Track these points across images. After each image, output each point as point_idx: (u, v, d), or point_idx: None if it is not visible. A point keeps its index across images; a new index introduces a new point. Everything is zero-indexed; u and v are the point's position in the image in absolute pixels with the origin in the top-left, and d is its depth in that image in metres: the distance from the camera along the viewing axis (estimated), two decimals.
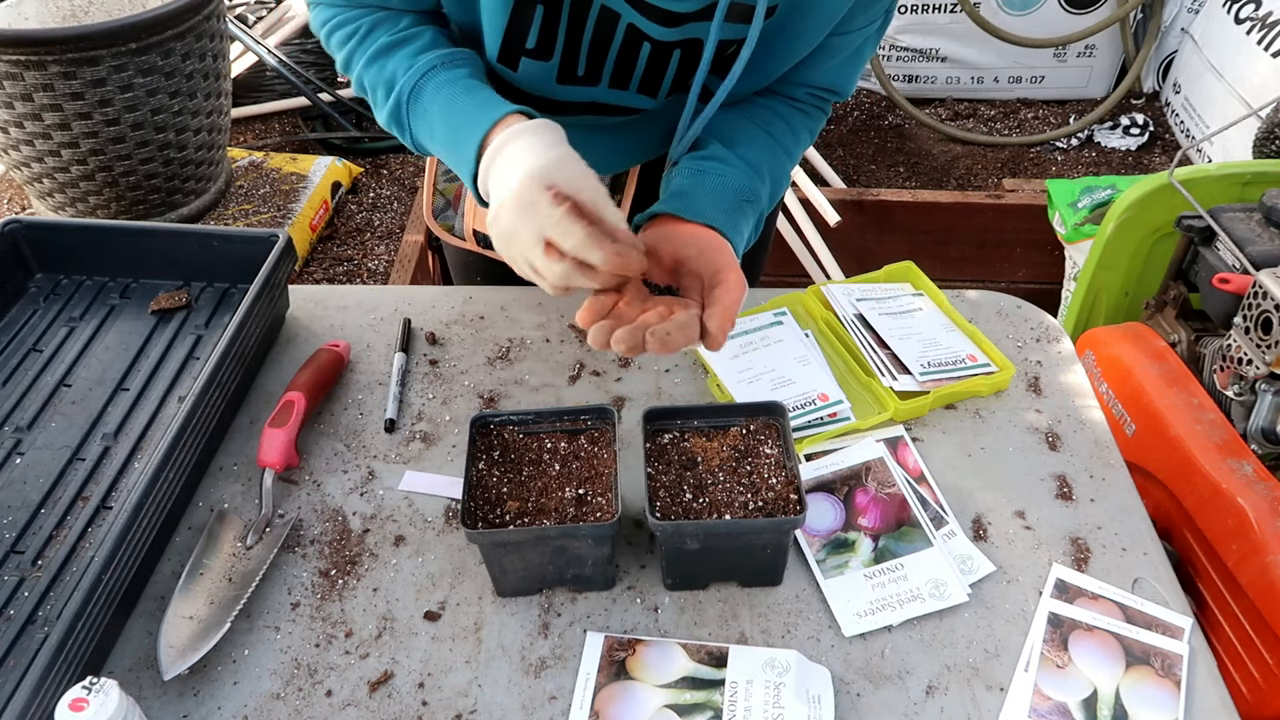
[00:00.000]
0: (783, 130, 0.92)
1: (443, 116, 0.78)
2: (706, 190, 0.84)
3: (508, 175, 0.70)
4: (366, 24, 0.84)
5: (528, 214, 0.68)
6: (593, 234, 0.66)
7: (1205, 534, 1.19)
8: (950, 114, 3.11)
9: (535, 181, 0.68)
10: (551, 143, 0.72)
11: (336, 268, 2.41)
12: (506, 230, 0.70)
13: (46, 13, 2.27)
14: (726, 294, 0.74)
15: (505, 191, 0.70)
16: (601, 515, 0.80)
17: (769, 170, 0.89)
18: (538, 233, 0.68)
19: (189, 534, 0.90)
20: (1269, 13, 2.43)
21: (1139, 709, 0.77)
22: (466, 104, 0.77)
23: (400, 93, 0.81)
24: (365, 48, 0.83)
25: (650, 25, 0.80)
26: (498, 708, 0.77)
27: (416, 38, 0.83)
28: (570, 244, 0.67)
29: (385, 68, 0.82)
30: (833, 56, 0.89)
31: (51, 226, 1.20)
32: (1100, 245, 1.80)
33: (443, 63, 0.80)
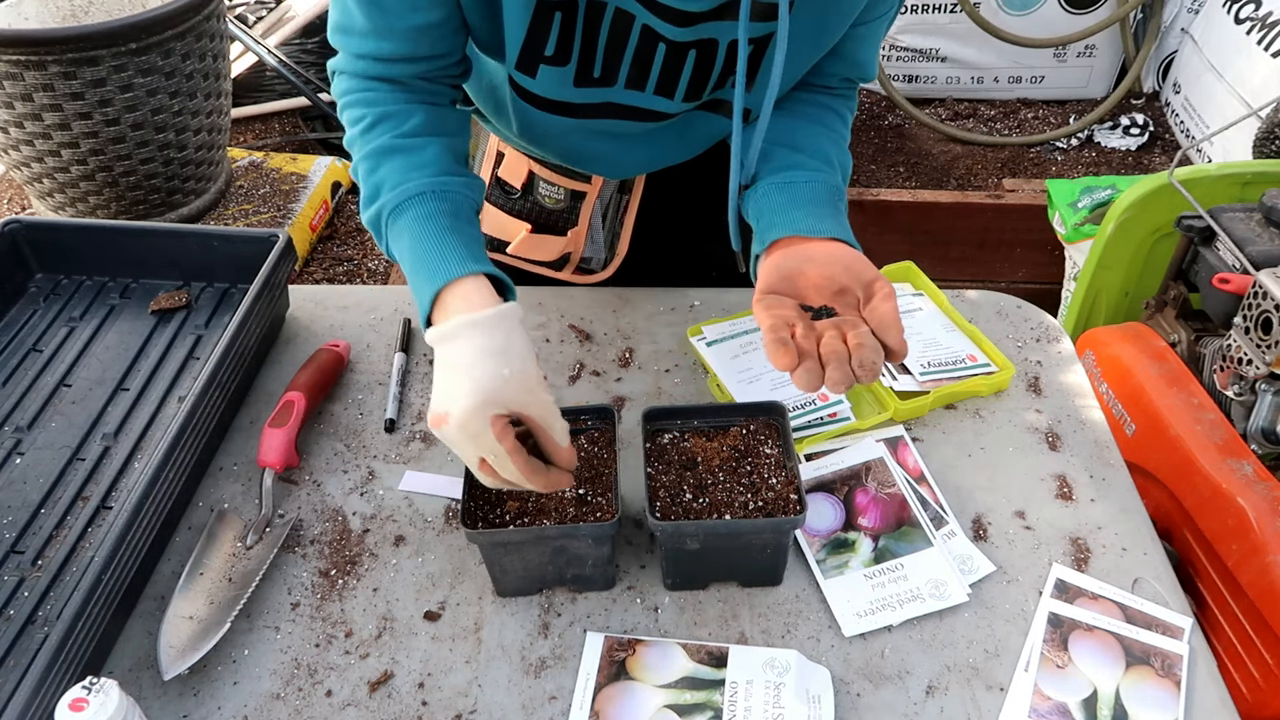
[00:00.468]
0: (833, 120, 0.93)
1: (410, 250, 0.79)
2: (807, 202, 0.84)
3: (453, 386, 0.72)
4: (374, 115, 0.82)
5: (469, 443, 0.72)
6: (527, 470, 0.73)
7: (1205, 534, 1.19)
8: (950, 114, 3.11)
9: (481, 413, 0.71)
10: (497, 350, 0.73)
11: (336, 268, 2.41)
12: (449, 439, 0.73)
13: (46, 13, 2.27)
14: (886, 302, 0.75)
15: (451, 406, 0.71)
16: (601, 515, 0.80)
17: (838, 161, 0.91)
18: (477, 455, 0.73)
19: (189, 534, 0.90)
20: (1269, 13, 2.43)
21: (1139, 709, 0.77)
22: (433, 248, 0.77)
23: (382, 206, 0.80)
24: (367, 140, 0.82)
25: (664, 26, 0.80)
26: (498, 708, 0.77)
27: (418, 150, 0.82)
28: (506, 475, 0.74)
29: (377, 171, 0.81)
30: (860, 46, 0.90)
31: (51, 226, 1.20)
32: (1100, 245, 1.80)
33: (431, 190, 0.80)
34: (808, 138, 0.90)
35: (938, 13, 2.96)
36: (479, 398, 0.71)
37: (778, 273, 0.79)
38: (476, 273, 0.76)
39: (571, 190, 1.07)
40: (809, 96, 0.93)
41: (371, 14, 0.78)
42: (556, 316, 1.13)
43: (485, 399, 0.71)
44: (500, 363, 0.72)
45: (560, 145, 0.97)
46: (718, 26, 0.81)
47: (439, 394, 0.73)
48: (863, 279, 0.77)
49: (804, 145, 0.89)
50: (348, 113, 0.85)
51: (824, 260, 0.78)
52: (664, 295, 1.16)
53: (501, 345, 0.73)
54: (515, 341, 0.74)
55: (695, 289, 1.17)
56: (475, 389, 0.71)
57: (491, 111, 0.99)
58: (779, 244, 0.82)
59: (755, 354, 1.05)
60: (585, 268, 1.16)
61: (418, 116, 0.83)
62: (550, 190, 1.07)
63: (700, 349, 1.05)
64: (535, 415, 0.74)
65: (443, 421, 0.72)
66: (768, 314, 0.75)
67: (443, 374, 0.73)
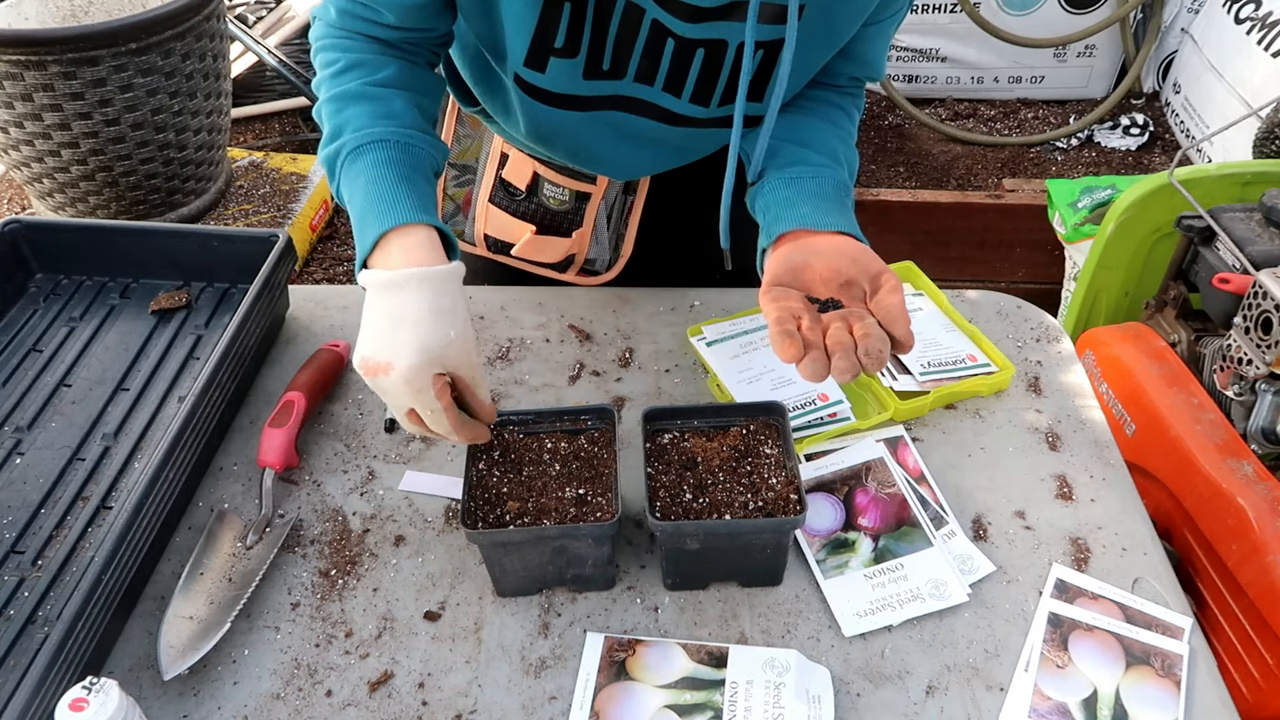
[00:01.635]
0: (840, 117, 0.94)
1: (363, 192, 0.79)
2: (814, 196, 0.84)
3: (397, 339, 0.73)
4: (347, 61, 0.83)
5: (412, 396, 0.74)
6: (455, 424, 0.76)
7: (1205, 534, 1.19)
8: (950, 114, 3.11)
9: (426, 370, 0.73)
10: (446, 309, 0.74)
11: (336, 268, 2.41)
12: (385, 389, 0.74)
13: (46, 13, 2.27)
14: (893, 295, 0.75)
15: (394, 358, 0.72)
16: (601, 515, 0.80)
17: (845, 159, 0.91)
18: (409, 405, 0.75)
19: (189, 534, 0.90)
20: (1269, 13, 2.43)
21: (1139, 709, 0.77)
22: (386, 193, 0.78)
23: (342, 145, 0.81)
24: (336, 84, 0.83)
25: (674, 21, 0.80)
26: (498, 708, 0.77)
27: (386, 100, 0.82)
28: (436, 429, 0.77)
29: (342, 113, 0.82)
30: (869, 46, 0.90)
31: (51, 226, 1.20)
32: (1100, 245, 1.80)
33: (395, 140, 0.80)
34: (815, 134, 0.91)
35: (938, 13, 2.96)
36: (426, 355, 0.72)
37: (784, 265, 0.79)
38: (427, 224, 0.77)
39: (576, 191, 1.07)
40: (817, 94, 0.94)
41: None
42: (556, 316, 1.13)
43: (431, 357, 0.73)
44: (448, 323, 0.74)
45: (569, 143, 0.97)
46: (727, 27, 0.81)
47: (379, 342, 0.73)
48: (869, 272, 0.77)
49: (812, 141, 0.90)
50: (321, 55, 0.85)
51: (831, 253, 0.79)
52: (664, 295, 1.16)
53: (449, 305, 0.74)
54: (460, 303, 0.75)
55: (695, 289, 1.17)
56: (423, 346, 0.72)
57: (500, 113, 0.99)
58: (785, 238, 0.82)
59: (755, 354, 1.05)
60: (590, 269, 1.16)
61: (391, 68, 0.84)
62: (555, 191, 1.07)
63: (700, 349, 1.05)
64: (467, 377, 0.76)
65: (381, 371, 0.73)
66: (774, 306, 0.75)
67: (385, 323, 0.74)
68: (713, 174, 1.06)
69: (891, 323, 0.74)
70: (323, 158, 0.83)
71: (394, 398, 0.75)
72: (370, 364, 0.73)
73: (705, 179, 1.09)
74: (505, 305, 1.15)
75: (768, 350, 1.05)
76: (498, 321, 1.13)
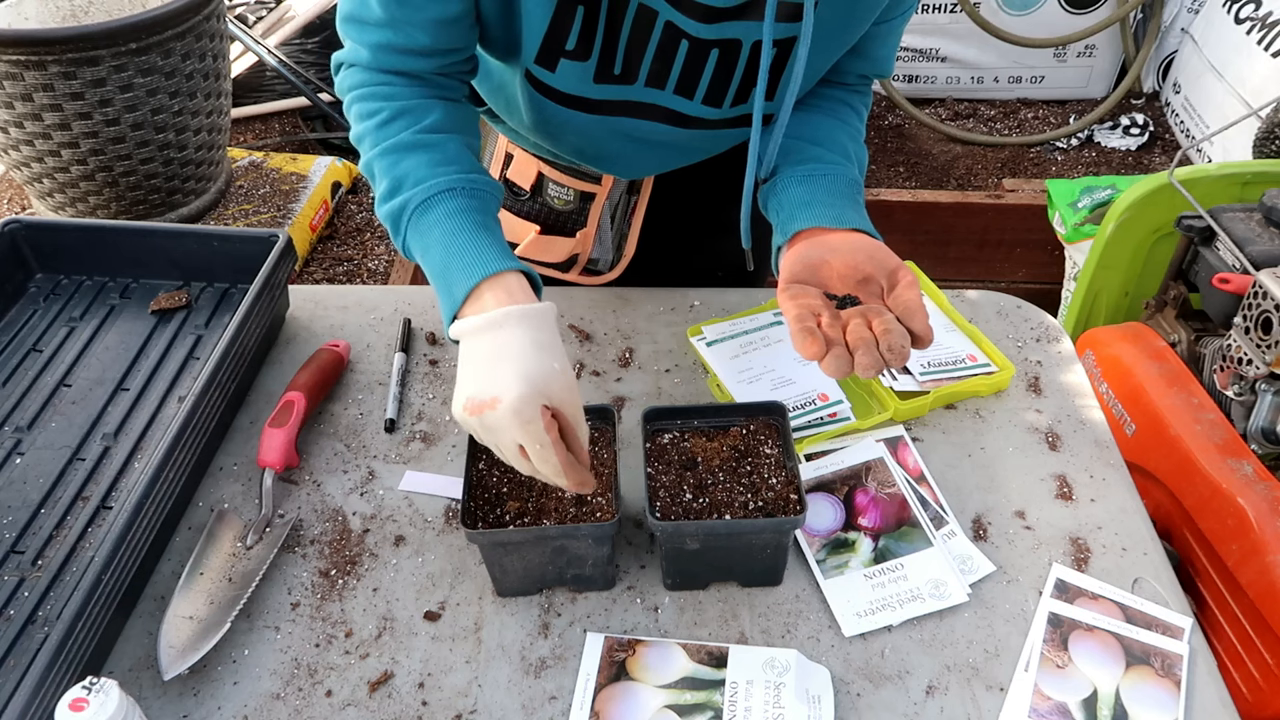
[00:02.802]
0: (849, 114, 0.95)
1: (441, 246, 0.78)
2: (828, 194, 0.85)
3: (502, 374, 0.71)
4: (391, 110, 0.81)
5: (521, 429, 0.71)
6: (563, 467, 0.73)
7: (1205, 534, 1.19)
8: (950, 114, 3.11)
9: (536, 400, 0.71)
10: (547, 344, 0.73)
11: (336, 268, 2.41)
12: (493, 425, 0.72)
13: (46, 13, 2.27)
14: (910, 290, 0.76)
15: (501, 392, 0.71)
16: (601, 515, 0.80)
17: (855, 155, 0.92)
18: (518, 442, 0.72)
19: (189, 534, 0.90)
20: (1269, 13, 2.43)
21: (1139, 709, 0.77)
22: (467, 244, 0.77)
23: (407, 201, 0.79)
24: (384, 135, 0.81)
25: (688, 22, 0.80)
26: (498, 708, 0.77)
27: (439, 147, 0.81)
28: (544, 468, 0.73)
29: (399, 165, 0.80)
30: (880, 44, 0.91)
31: (51, 226, 1.20)
32: (1100, 245, 1.80)
33: (460, 187, 0.79)
34: (827, 132, 0.91)
35: (938, 13, 2.96)
36: (534, 386, 0.71)
37: (802, 262, 0.80)
38: (516, 270, 0.77)
39: (580, 191, 1.07)
40: (826, 91, 0.94)
41: (390, 5, 0.77)
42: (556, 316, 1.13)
43: (538, 389, 0.71)
44: (550, 357, 0.73)
45: (575, 142, 0.96)
46: (742, 26, 0.81)
47: (482, 380, 0.72)
48: (886, 267, 0.78)
49: (824, 139, 0.90)
50: (359, 106, 0.83)
51: (847, 250, 0.79)
52: (664, 295, 1.16)
53: (549, 340, 0.74)
54: (558, 341, 0.75)
55: (695, 289, 1.16)
56: (529, 377, 0.71)
57: (503, 108, 0.98)
58: (801, 235, 0.83)
59: (755, 354, 1.05)
60: (593, 269, 1.16)
61: (436, 112, 0.82)
62: (559, 192, 1.07)
63: (700, 349, 1.05)
64: (570, 415, 0.74)
65: (488, 407, 0.71)
66: (793, 303, 0.76)
67: (486, 362, 0.73)
68: (716, 173, 1.06)
69: (910, 317, 0.74)
70: (385, 214, 0.81)
71: (503, 433, 0.72)
72: (475, 403, 0.72)
73: (709, 178, 1.09)
74: None
75: (768, 350, 1.05)
76: None
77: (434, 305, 1.15)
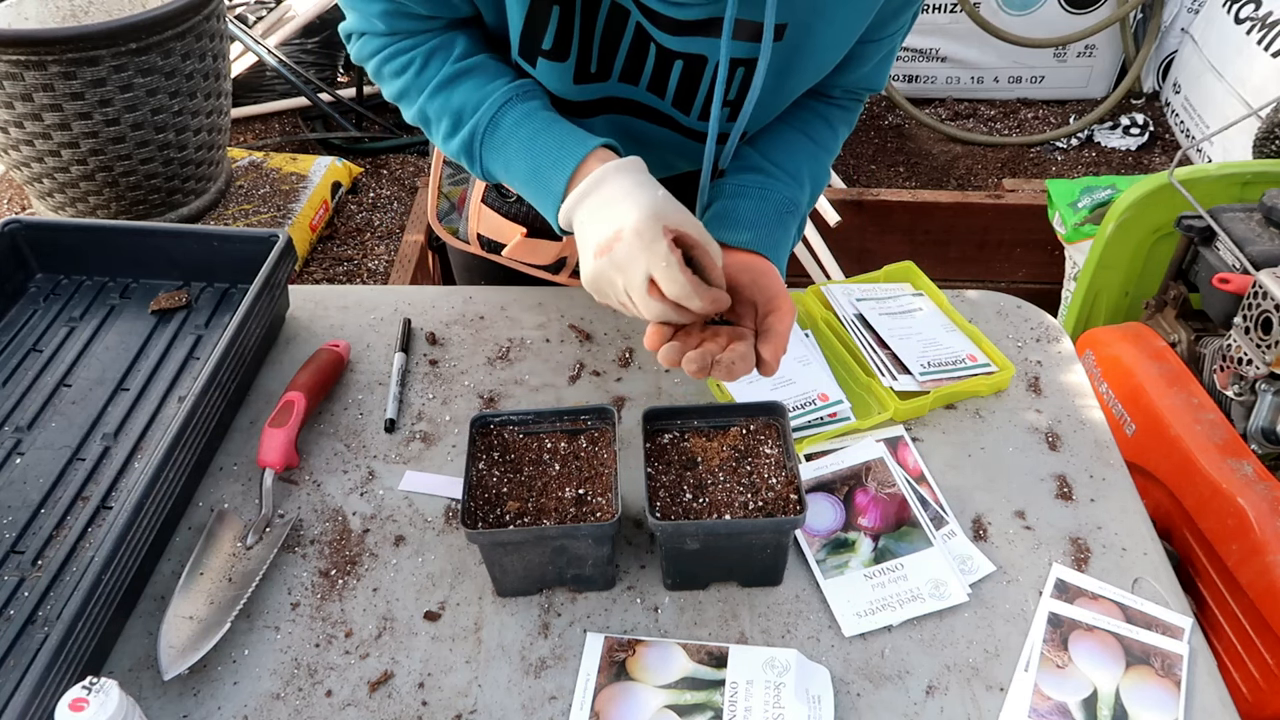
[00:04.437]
0: (821, 130, 0.94)
1: (523, 152, 0.80)
2: (749, 211, 0.86)
3: (618, 211, 0.73)
4: (421, 55, 0.84)
5: (646, 251, 0.72)
6: (694, 284, 0.72)
7: (1205, 534, 1.19)
8: (950, 114, 3.11)
9: (655, 221, 0.72)
10: (649, 183, 0.75)
11: (336, 268, 2.41)
12: (622, 260, 0.73)
13: (46, 13, 2.27)
14: (780, 321, 0.78)
15: (622, 223, 0.72)
16: (601, 515, 0.80)
17: (809, 175, 0.92)
18: (647, 271, 0.72)
19: (189, 534, 0.90)
20: (1269, 13, 2.43)
21: (1139, 709, 0.77)
22: (548, 140, 0.80)
23: (476, 126, 0.82)
24: (425, 79, 0.84)
25: (655, 31, 0.81)
26: (498, 708, 0.77)
27: (480, 69, 0.84)
28: (674, 291, 0.72)
29: (451, 99, 0.83)
30: (865, 63, 0.90)
31: (51, 226, 1.20)
32: (1100, 245, 1.80)
33: (516, 95, 0.82)
34: (784, 146, 0.91)
35: (938, 13, 2.96)
36: (650, 209, 0.72)
37: None
38: (598, 145, 0.79)
39: None
40: (806, 102, 0.93)
41: None
42: (556, 316, 1.13)
43: (656, 211, 0.73)
44: (655, 188, 0.75)
45: None
46: (706, 43, 0.81)
47: (602, 224, 0.74)
48: (766, 293, 0.80)
49: (776, 154, 0.90)
50: (388, 65, 0.86)
51: (734, 269, 0.81)
52: None
53: (649, 181, 0.76)
54: (656, 183, 0.76)
55: None
56: (644, 205, 0.73)
57: None
58: None
59: None
60: None
61: (461, 41, 0.85)
62: None
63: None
64: (694, 233, 0.74)
65: (615, 240, 0.73)
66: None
67: (600, 211, 0.75)
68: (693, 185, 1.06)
69: (765, 345, 0.77)
70: (455, 148, 0.84)
71: (631, 261, 0.73)
72: (602, 244, 0.74)
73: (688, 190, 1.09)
74: (505, 305, 1.15)
75: None
76: (498, 321, 1.13)
77: (434, 305, 1.15)
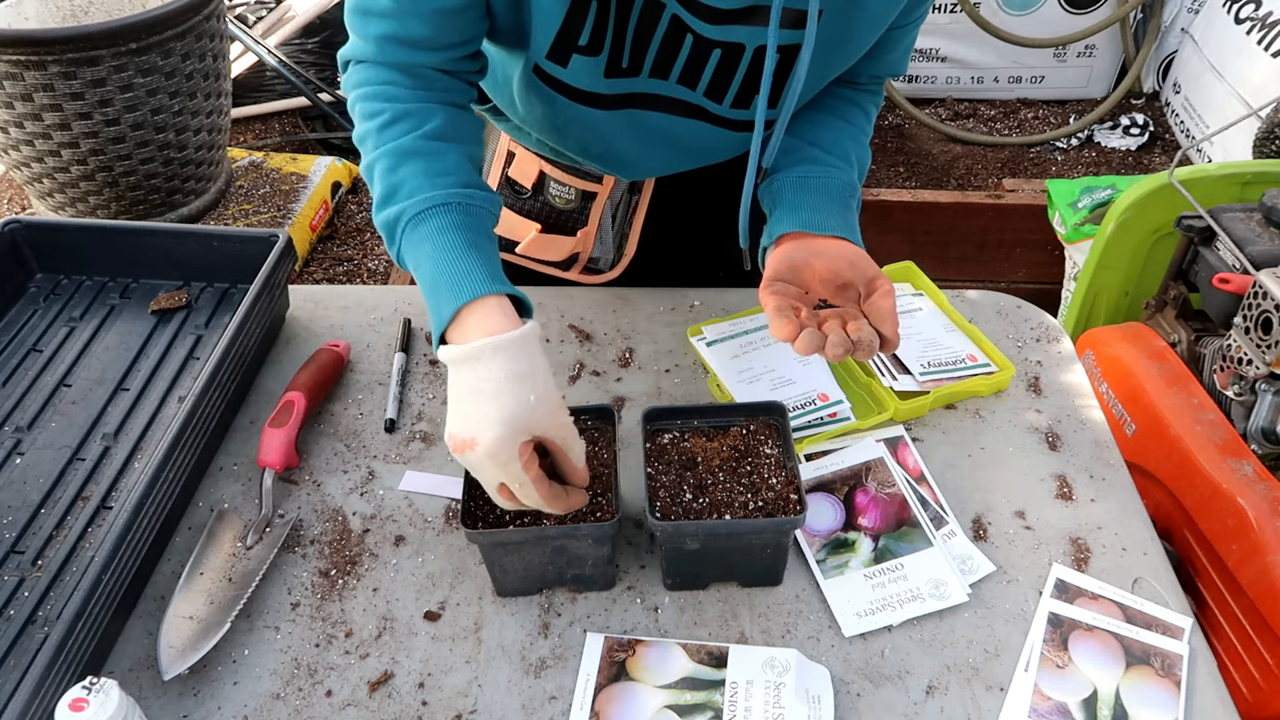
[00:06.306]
0: (857, 115, 0.96)
1: (431, 262, 0.77)
2: (818, 199, 0.87)
3: (480, 413, 0.72)
4: (393, 112, 0.80)
5: (499, 470, 0.72)
6: (547, 497, 0.74)
7: (1205, 534, 1.19)
8: (950, 114, 3.11)
9: (510, 441, 0.71)
10: (525, 374, 0.72)
11: (336, 268, 2.41)
12: (474, 465, 0.73)
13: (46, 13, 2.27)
14: (885, 299, 0.80)
15: (478, 433, 0.71)
16: (601, 515, 0.80)
17: (856, 158, 0.93)
18: (498, 480, 0.73)
19: (189, 534, 0.90)
20: (1269, 13, 2.43)
21: (1139, 709, 0.77)
22: (456, 263, 0.76)
23: (403, 211, 0.78)
24: (385, 138, 0.80)
25: (693, 20, 0.81)
26: (498, 708, 0.77)
27: (440, 155, 0.80)
28: (527, 502, 0.75)
29: (396, 171, 0.79)
30: (893, 48, 0.92)
31: (51, 226, 1.20)
32: (1100, 245, 1.80)
33: (456, 202, 0.78)
34: (829, 133, 0.93)
35: (938, 13, 2.96)
36: (508, 426, 0.71)
37: (786, 262, 0.84)
38: (499, 293, 0.75)
39: (582, 190, 1.07)
40: (835, 90, 0.95)
41: None
42: (556, 316, 1.13)
43: (514, 427, 0.71)
44: (526, 388, 0.72)
45: (582, 138, 0.96)
46: (745, 31, 0.81)
47: (462, 419, 0.73)
48: (865, 275, 0.82)
49: (824, 141, 0.92)
50: (362, 105, 0.82)
51: (830, 255, 0.83)
52: (664, 295, 1.16)
53: (526, 369, 0.73)
54: (539, 364, 0.74)
55: (695, 289, 1.16)
56: (503, 417, 0.71)
57: (506, 104, 0.98)
58: (787, 237, 0.86)
59: (755, 354, 1.05)
60: (593, 268, 1.16)
61: (438, 118, 0.81)
62: (561, 190, 1.07)
63: (700, 349, 1.05)
64: (557, 439, 0.75)
65: (468, 447, 0.72)
66: (774, 297, 0.80)
67: (466, 398, 0.73)
68: (718, 174, 1.06)
69: (880, 322, 0.79)
70: (380, 222, 0.81)
71: (482, 473, 0.73)
72: (457, 441, 0.73)
73: (711, 179, 1.09)
74: None
75: (768, 350, 1.05)
76: None
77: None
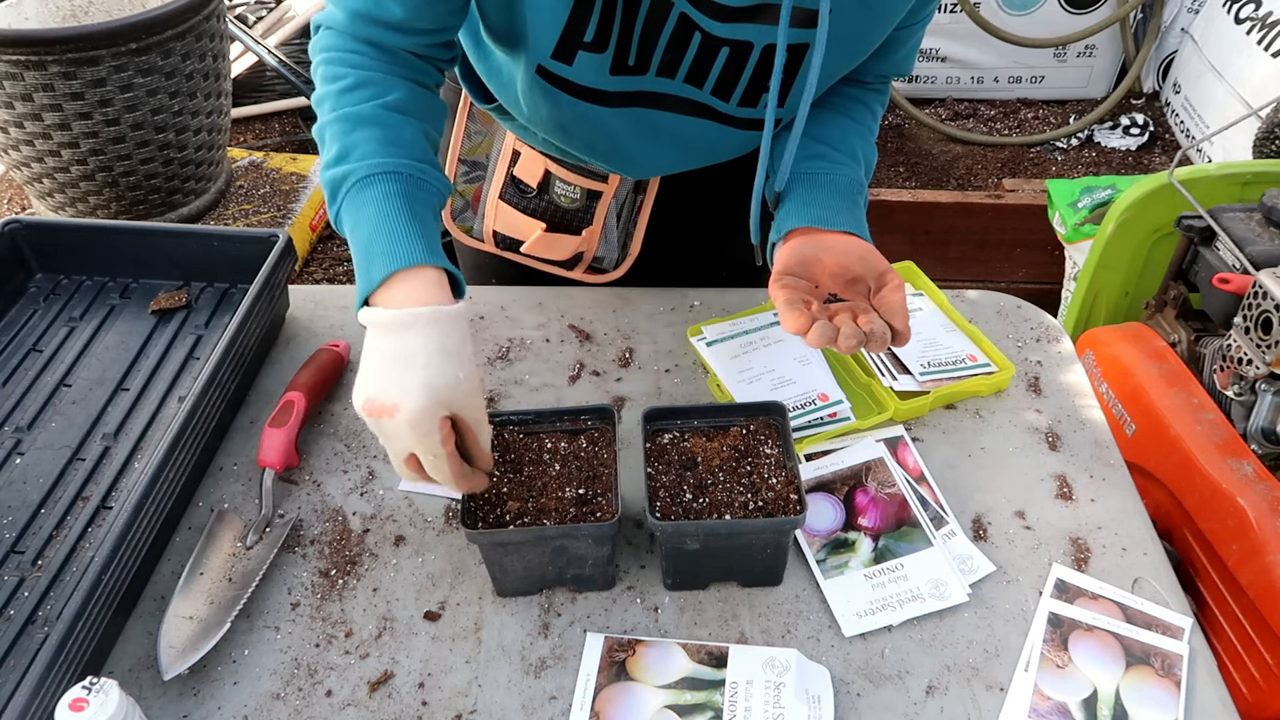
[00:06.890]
0: (863, 113, 0.96)
1: (370, 224, 0.76)
2: (827, 195, 0.88)
3: (404, 380, 0.71)
4: (355, 78, 0.79)
5: (417, 441, 0.72)
6: (456, 475, 0.74)
7: (1205, 534, 1.19)
8: (950, 114, 3.11)
9: (433, 413, 0.71)
10: (453, 350, 0.72)
11: (336, 268, 2.41)
12: (389, 432, 0.72)
13: (46, 13, 2.27)
14: (895, 293, 0.80)
15: (401, 401, 0.71)
16: (601, 515, 0.80)
17: (863, 155, 0.94)
18: (410, 450, 0.73)
19: (189, 534, 0.90)
20: (1269, 13, 2.43)
21: (1139, 709, 0.77)
22: (396, 230, 0.75)
23: (350, 172, 0.77)
24: (343, 102, 0.79)
25: (701, 17, 0.81)
26: (498, 708, 0.77)
27: (398, 128, 0.79)
28: (436, 476, 0.74)
29: (350, 135, 0.78)
30: (899, 48, 0.93)
31: (51, 226, 1.20)
32: (1100, 245, 1.80)
33: (408, 174, 0.78)
34: (837, 131, 0.93)
35: (938, 12, 2.96)
36: (433, 397, 0.71)
37: (795, 256, 0.84)
38: (437, 265, 0.75)
39: (587, 190, 1.07)
40: (842, 89, 0.95)
41: None
42: (556, 316, 1.13)
43: (438, 399, 0.71)
44: (456, 365, 0.72)
45: (587, 137, 0.95)
46: (754, 29, 0.81)
47: (384, 383, 0.72)
48: (875, 270, 0.82)
49: (832, 138, 0.92)
50: (325, 69, 0.82)
51: (840, 250, 0.83)
52: (664, 295, 1.16)
53: (457, 346, 0.73)
54: (466, 345, 0.74)
55: (695, 289, 1.16)
56: (432, 387, 0.71)
57: (511, 104, 0.98)
58: (796, 233, 0.86)
59: (755, 354, 1.05)
60: (597, 267, 1.16)
61: (400, 91, 0.80)
62: (566, 190, 1.07)
63: (700, 349, 1.05)
64: (472, 420, 0.75)
65: (387, 413, 0.71)
66: (784, 291, 0.80)
67: (391, 364, 0.72)
68: (722, 174, 1.06)
69: (891, 316, 0.79)
70: (325, 180, 0.80)
71: (396, 441, 0.73)
72: (375, 405, 0.72)
73: (716, 178, 1.09)
74: (505, 305, 1.15)
75: (768, 350, 1.05)
76: (498, 321, 1.13)
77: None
